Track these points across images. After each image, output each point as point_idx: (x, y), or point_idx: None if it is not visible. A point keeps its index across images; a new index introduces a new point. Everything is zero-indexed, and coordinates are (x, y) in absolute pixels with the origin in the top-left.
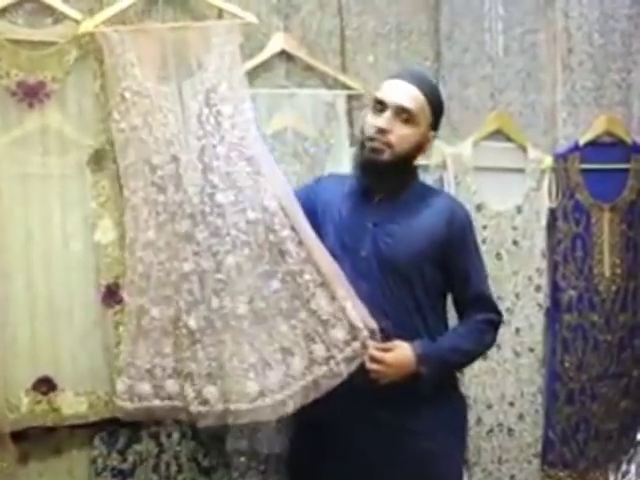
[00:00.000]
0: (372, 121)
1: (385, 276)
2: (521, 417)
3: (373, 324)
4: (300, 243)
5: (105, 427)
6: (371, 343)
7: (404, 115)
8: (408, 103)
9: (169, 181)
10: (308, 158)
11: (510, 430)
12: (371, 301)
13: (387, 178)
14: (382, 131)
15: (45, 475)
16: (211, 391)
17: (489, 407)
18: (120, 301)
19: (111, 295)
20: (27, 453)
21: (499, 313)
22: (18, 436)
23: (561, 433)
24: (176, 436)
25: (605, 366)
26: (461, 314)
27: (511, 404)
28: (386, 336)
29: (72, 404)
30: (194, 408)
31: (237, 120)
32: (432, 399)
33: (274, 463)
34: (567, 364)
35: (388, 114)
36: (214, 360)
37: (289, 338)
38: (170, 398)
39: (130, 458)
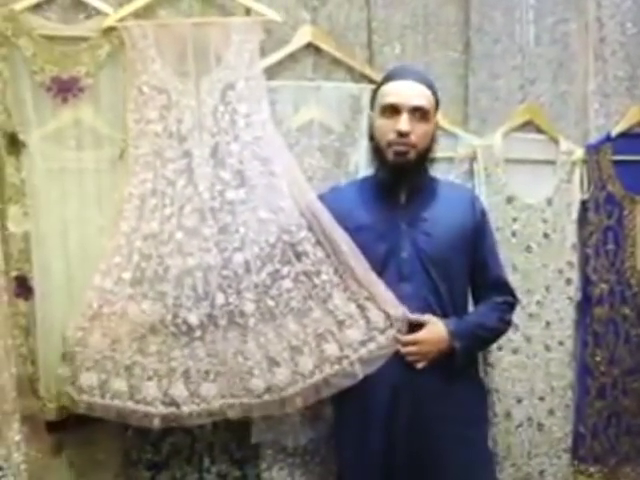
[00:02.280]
0: (389, 125)
1: (429, 273)
2: (551, 412)
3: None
4: (318, 243)
5: None
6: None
7: (419, 114)
8: (422, 102)
9: (180, 175)
10: (333, 152)
11: (540, 425)
12: (417, 301)
13: (415, 176)
14: (404, 134)
15: (76, 466)
16: (209, 387)
17: (519, 401)
18: None
19: None
20: (60, 444)
21: (515, 296)
22: (51, 427)
23: (592, 428)
24: (209, 427)
25: (637, 360)
26: (479, 298)
27: (541, 398)
28: None
29: None
30: (187, 408)
31: (253, 119)
32: (460, 386)
33: (301, 455)
34: (598, 358)
35: (405, 116)
36: (215, 357)
37: (299, 337)
38: (146, 402)
39: (164, 450)
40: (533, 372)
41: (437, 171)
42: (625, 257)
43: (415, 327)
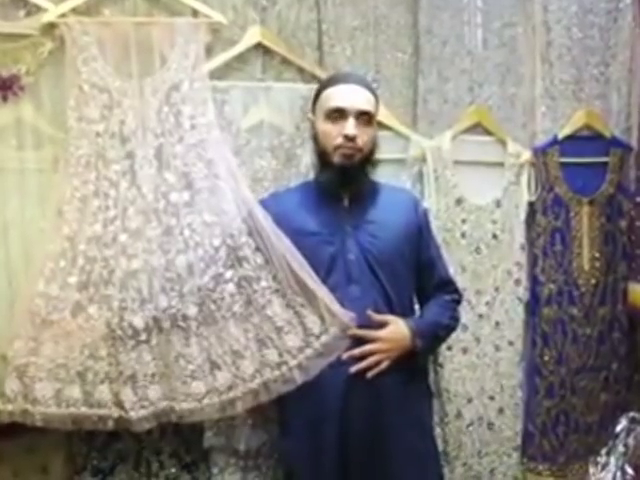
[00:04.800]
0: (336, 129)
1: (376, 275)
2: (501, 411)
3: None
4: (258, 249)
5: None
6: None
7: (365, 118)
8: (368, 106)
9: (123, 176)
10: (284, 152)
11: (490, 424)
12: (366, 303)
13: (360, 180)
14: (351, 138)
15: (20, 474)
16: (155, 389)
17: (469, 401)
18: None
19: None
20: (2, 452)
21: (460, 293)
22: None
23: (541, 426)
24: (157, 432)
25: (584, 359)
26: (427, 297)
27: (491, 398)
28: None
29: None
30: (135, 413)
31: (198, 121)
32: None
33: (253, 458)
34: (547, 357)
35: (352, 120)
36: (160, 359)
37: (240, 341)
38: (100, 406)
39: (110, 456)
40: (483, 372)
41: (388, 173)
42: (572, 258)
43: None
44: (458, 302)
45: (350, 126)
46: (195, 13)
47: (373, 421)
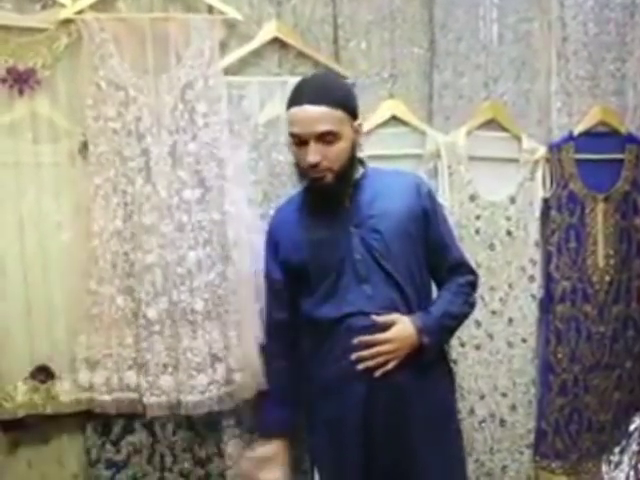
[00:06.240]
0: (301, 155)
1: (385, 270)
2: (514, 408)
3: None
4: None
5: (98, 416)
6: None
7: (328, 137)
8: (326, 126)
9: (138, 173)
10: None
11: (502, 421)
12: (381, 300)
13: (341, 190)
14: (314, 165)
15: (34, 464)
16: (167, 380)
17: (482, 398)
18: None
19: None
20: (17, 442)
21: (476, 274)
22: (7, 425)
23: (554, 424)
24: (170, 427)
25: (598, 357)
26: (441, 280)
27: (504, 395)
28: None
29: (69, 392)
30: (147, 399)
31: (211, 120)
32: (432, 382)
33: None
34: (560, 355)
35: (312, 145)
36: (172, 351)
37: (239, 336)
38: (130, 389)
39: (124, 449)
40: (496, 368)
41: (406, 168)
42: (587, 255)
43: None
44: (473, 284)
45: (311, 153)
46: (211, 9)
47: (395, 416)
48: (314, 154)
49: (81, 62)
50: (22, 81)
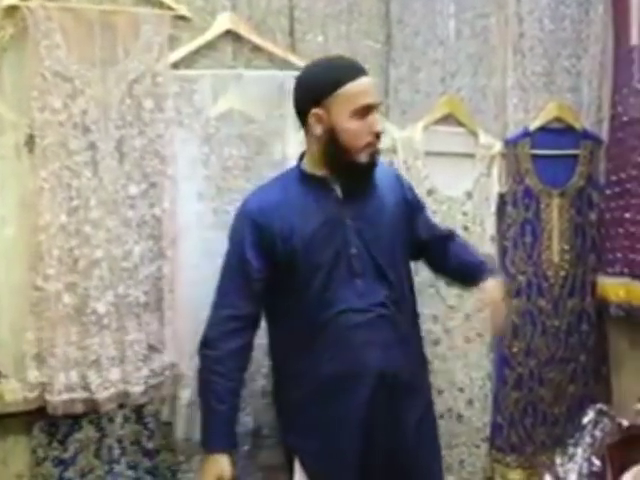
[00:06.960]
0: (365, 127)
1: (378, 264)
2: (470, 402)
3: None
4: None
5: (45, 416)
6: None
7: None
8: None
9: (85, 167)
10: (254, 140)
11: (460, 416)
12: (371, 296)
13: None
14: (379, 134)
15: None
16: (115, 372)
17: (440, 393)
18: None
19: None
20: None
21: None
22: None
23: (509, 418)
24: (119, 420)
25: (553, 351)
26: (443, 249)
27: (461, 390)
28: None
29: (15, 391)
30: (99, 394)
31: (157, 116)
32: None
33: None
34: (515, 349)
35: (377, 115)
36: (120, 344)
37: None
38: (79, 387)
39: (71, 447)
40: (453, 364)
41: None
42: (542, 250)
43: None
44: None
45: (378, 121)
46: (162, 3)
47: (395, 415)
48: (380, 123)
49: (26, 52)
50: None
